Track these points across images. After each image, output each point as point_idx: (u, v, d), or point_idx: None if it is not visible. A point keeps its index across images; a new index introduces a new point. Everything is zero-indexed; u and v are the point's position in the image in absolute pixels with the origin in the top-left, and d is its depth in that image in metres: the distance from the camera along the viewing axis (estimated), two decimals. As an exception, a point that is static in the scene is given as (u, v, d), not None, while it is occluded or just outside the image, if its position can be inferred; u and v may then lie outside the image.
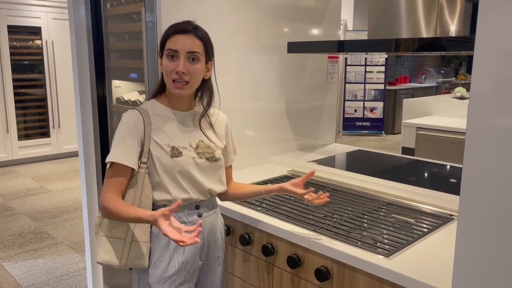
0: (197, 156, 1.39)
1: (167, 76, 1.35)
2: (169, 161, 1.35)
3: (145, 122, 1.35)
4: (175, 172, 1.35)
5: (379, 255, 1.29)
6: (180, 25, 1.35)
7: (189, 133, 1.42)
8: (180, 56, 1.33)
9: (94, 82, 2.38)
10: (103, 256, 1.35)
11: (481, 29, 0.92)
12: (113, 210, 1.27)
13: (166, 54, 1.34)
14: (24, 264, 3.26)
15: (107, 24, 2.32)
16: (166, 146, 1.35)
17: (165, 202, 1.37)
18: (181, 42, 1.32)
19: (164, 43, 1.35)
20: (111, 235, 1.36)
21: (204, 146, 1.43)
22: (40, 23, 6.19)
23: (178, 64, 1.32)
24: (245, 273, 1.68)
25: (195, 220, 1.41)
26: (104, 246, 1.36)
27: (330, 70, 2.63)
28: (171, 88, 1.36)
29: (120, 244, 1.36)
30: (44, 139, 6.41)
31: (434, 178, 2.07)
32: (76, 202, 4.63)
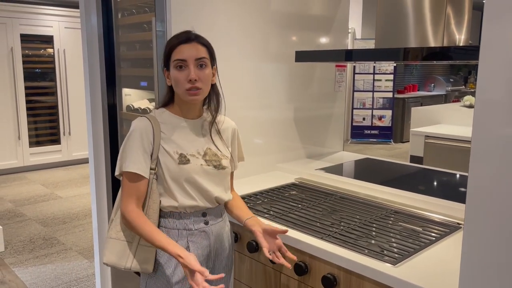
0: (205, 163, 1.41)
1: (179, 87, 1.36)
2: (176, 168, 1.36)
3: (154, 130, 1.37)
4: (182, 179, 1.37)
5: (386, 263, 1.29)
6: (182, 35, 1.37)
7: (198, 140, 1.44)
8: (189, 64, 1.35)
9: (105, 90, 2.42)
10: (109, 257, 1.38)
11: (486, 38, 0.93)
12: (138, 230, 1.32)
13: (174, 66, 1.35)
14: (34, 270, 3.29)
15: (118, 33, 2.36)
16: (174, 153, 1.37)
17: (171, 208, 1.39)
18: (187, 51, 1.34)
19: (169, 56, 1.37)
20: (118, 237, 1.39)
21: (212, 154, 1.44)
22: (52, 32, 6.29)
23: (189, 73, 1.34)
24: (253, 280, 1.69)
25: (202, 228, 1.42)
26: (111, 247, 1.39)
27: (338, 79, 2.65)
28: (185, 97, 1.37)
29: (127, 247, 1.38)
30: (54, 146, 6.49)
31: (442, 187, 2.07)
32: (85, 209, 4.67)
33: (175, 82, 1.37)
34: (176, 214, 1.39)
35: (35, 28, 6.15)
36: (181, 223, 1.40)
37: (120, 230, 1.39)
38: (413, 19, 1.98)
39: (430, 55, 1.63)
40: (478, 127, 0.96)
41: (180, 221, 1.39)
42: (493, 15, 0.91)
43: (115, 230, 1.40)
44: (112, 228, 1.41)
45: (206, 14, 1.95)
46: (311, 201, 1.87)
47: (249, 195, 1.93)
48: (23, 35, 6.05)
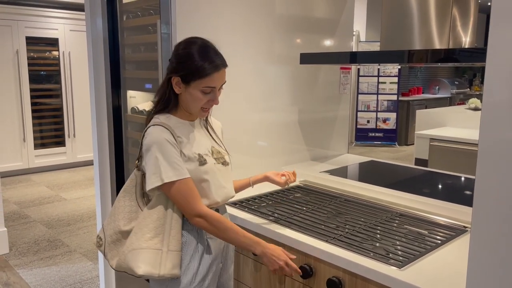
0: (215, 161, 1.45)
1: (196, 105, 1.38)
2: (197, 169, 1.38)
3: (174, 137, 1.37)
4: (204, 180, 1.40)
5: (392, 266, 1.28)
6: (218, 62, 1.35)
7: (203, 140, 1.47)
8: (216, 90, 1.38)
9: (110, 92, 2.42)
10: (145, 268, 1.34)
11: (493, 41, 0.92)
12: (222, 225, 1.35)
13: (201, 90, 1.35)
14: (39, 272, 3.30)
15: (123, 36, 2.37)
16: (193, 156, 1.39)
17: None
18: (219, 79, 1.37)
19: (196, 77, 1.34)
20: (149, 246, 1.35)
21: (216, 151, 1.49)
22: (58, 35, 6.32)
23: (213, 97, 1.38)
24: (257, 283, 1.68)
25: None
26: (144, 257, 1.34)
27: (342, 81, 2.64)
28: (198, 113, 1.42)
29: (158, 254, 1.35)
30: (59, 148, 6.52)
31: (447, 190, 2.05)
32: (90, 211, 4.68)
33: (194, 100, 1.37)
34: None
35: (41, 30, 6.19)
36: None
37: (149, 239, 1.36)
38: (418, 22, 1.97)
39: (435, 57, 1.63)
40: (485, 130, 0.95)
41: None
42: (500, 18, 0.91)
43: (143, 240, 1.36)
44: (139, 239, 1.36)
45: (211, 17, 1.95)
46: (316, 203, 1.87)
47: (253, 198, 1.93)
48: (28, 38, 6.08)
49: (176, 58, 1.37)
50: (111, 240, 1.44)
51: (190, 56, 1.34)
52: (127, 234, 1.41)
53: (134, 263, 1.34)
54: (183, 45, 1.38)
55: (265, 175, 1.70)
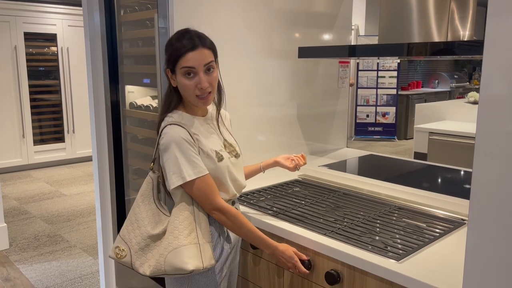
0: (229, 155, 1.47)
1: (188, 93, 1.37)
2: (218, 166, 1.41)
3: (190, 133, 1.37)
4: (224, 175, 1.42)
5: (390, 259, 1.28)
6: (187, 42, 1.34)
7: (216, 135, 1.48)
8: (198, 72, 1.35)
9: (108, 88, 2.42)
10: (193, 262, 1.33)
11: (490, 34, 0.92)
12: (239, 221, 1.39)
13: (182, 73, 1.35)
14: (39, 267, 3.31)
15: (121, 30, 2.36)
16: (211, 153, 1.40)
17: None
18: (195, 58, 1.34)
19: (175, 61, 1.35)
20: (190, 242, 1.35)
21: (228, 144, 1.51)
22: (56, 30, 6.31)
23: (199, 80, 1.35)
24: (256, 277, 1.69)
25: None
26: (189, 254, 1.34)
27: (341, 75, 2.64)
28: (195, 102, 1.40)
29: (198, 248, 1.36)
30: (58, 144, 6.52)
31: (446, 183, 2.06)
32: (89, 206, 4.69)
33: (183, 88, 1.37)
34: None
35: (39, 26, 6.16)
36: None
37: (188, 235, 1.36)
38: (416, 15, 1.97)
39: (435, 50, 1.62)
40: (482, 123, 0.95)
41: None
42: (498, 10, 0.91)
43: (182, 237, 1.35)
44: (178, 237, 1.35)
45: (209, 10, 1.95)
46: (315, 197, 1.87)
47: (252, 192, 1.93)
48: (26, 34, 6.06)
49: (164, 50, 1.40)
50: (139, 248, 1.41)
51: (169, 43, 1.37)
52: (157, 237, 1.40)
53: (180, 261, 1.33)
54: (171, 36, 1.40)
55: (275, 160, 1.73)
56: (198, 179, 1.35)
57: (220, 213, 1.38)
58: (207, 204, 1.38)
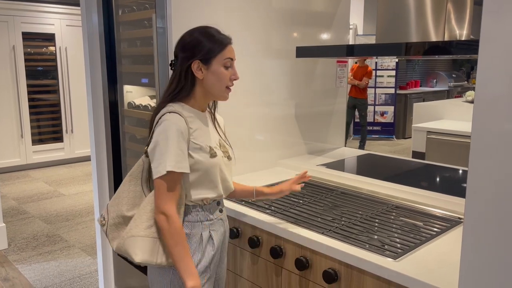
0: (223, 155, 1.47)
1: (222, 83, 1.41)
2: (209, 161, 1.40)
3: (188, 125, 1.38)
4: (214, 172, 1.41)
5: (387, 257, 1.29)
6: (225, 36, 1.43)
7: (213, 132, 1.49)
8: (233, 64, 1.43)
9: (106, 87, 2.42)
10: (143, 256, 1.35)
11: (486, 32, 0.93)
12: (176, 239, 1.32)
13: (224, 64, 1.40)
14: (37, 267, 3.31)
15: (119, 30, 2.36)
16: (205, 148, 1.40)
17: (198, 201, 1.42)
18: (233, 51, 1.43)
19: (218, 52, 1.39)
20: (147, 235, 1.37)
21: (223, 145, 1.51)
22: (54, 30, 6.30)
23: (233, 71, 1.43)
24: (254, 276, 1.70)
25: (219, 216, 1.49)
26: (142, 246, 1.36)
27: (339, 74, 2.64)
28: (222, 93, 1.44)
29: (156, 243, 1.37)
30: (57, 144, 6.51)
31: (443, 182, 2.07)
32: (88, 206, 4.69)
33: (218, 78, 1.40)
34: (198, 207, 1.43)
35: (37, 26, 6.16)
36: (203, 214, 1.44)
37: (148, 228, 1.37)
38: (414, 14, 1.97)
39: (432, 49, 1.63)
40: (478, 122, 0.96)
41: (202, 213, 1.43)
42: (493, 9, 0.91)
43: (141, 228, 1.37)
44: (138, 226, 1.37)
45: (207, 10, 1.95)
46: (312, 196, 1.88)
47: (250, 191, 1.93)
48: (24, 33, 6.06)
49: (186, 47, 1.39)
50: (113, 223, 1.45)
51: (199, 40, 1.39)
52: (129, 219, 1.43)
53: (132, 250, 1.36)
54: (187, 35, 1.42)
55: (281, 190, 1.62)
56: (173, 172, 1.32)
57: (165, 219, 1.32)
58: (160, 201, 1.32)
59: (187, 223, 1.42)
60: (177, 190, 1.35)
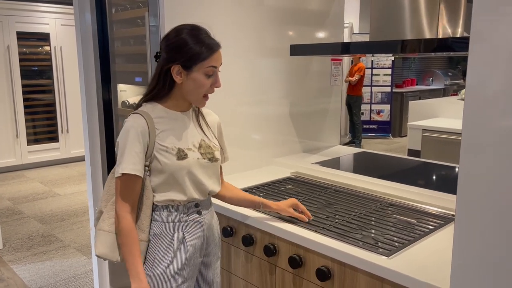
0: (201, 156, 1.42)
1: (199, 91, 1.38)
2: (176, 164, 1.36)
3: (149, 127, 1.36)
4: (180, 175, 1.37)
5: (380, 255, 1.29)
6: (214, 42, 1.36)
7: (192, 132, 1.44)
8: (216, 72, 1.39)
9: (100, 86, 2.41)
10: (102, 249, 1.39)
11: (476, 30, 0.93)
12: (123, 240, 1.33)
13: (206, 72, 1.35)
14: (32, 267, 3.29)
15: (112, 29, 2.35)
16: (172, 149, 1.37)
17: (168, 202, 1.39)
18: (218, 58, 1.37)
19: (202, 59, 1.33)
20: (111, 231, 1.40)
21: (206, 145, 1.45)
22: (49, 30, 6.28)
23: (216, 80, 1.39)
24: (248, 274, 1.69)
25: (196, 218, 1.44)
26: (104, 240, 1.40)
27: (333, 73, 2.64)
28: (199, 102, 1.41)
29: (115, 239, 1.39)
30: (52, 144, 6.49)
31: (438, 179, 2.07)
32: (83, 206, 4.68)
33: (196, 86, 1.36)
34: (170, 207, 1.40)
35: (32, 25, 6.13)
36: (176, 215, 1.41)
37: (112, 224, 1.40)
38: (408, 12, 1.97)
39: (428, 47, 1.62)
40: (468, 120, 0.96)
41: (175, 214, 1.40)
42: (483, 7, 0.91)
43: (108, 223, 1.40)
44: (104, 220, 1.41)
45: (200, 8, 1.94)
46: (307, 194, 1.87)
47: (245, 189, 1.93)
48: (19, 33, 6.03)
49: (169, 47, 1.35)
50: (96, 217, 1.47)
51: (185, 42, 1.33)
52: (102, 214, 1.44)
53: (95, 242, 1.40)
54: (174, 34, 1.36)
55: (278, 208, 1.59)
56: (127, 174, 1.32)
57: (117, 218, 1.35)
58: (116, 200, 1.35)
59: (157, 223, 1.40)
60: (133, 191, 1.34)
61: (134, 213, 1.37)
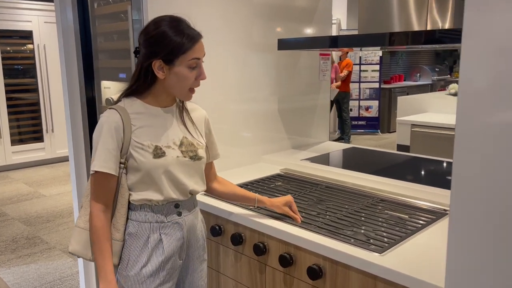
0: (181, 155, 1.36)
1: (184, 85, 1.32)
2: (152, 162, 1.30)
3: (125, 123, 1.29)
4: (157, 173, 1.31)
5: (372, 251, 1.26)
6: (194, 32, 1.30)
7: (173, 129, 1.38)
8: (201, 63, 1.33)
9: (83, 84, 2.34)
10: (75, 246, 1.35)
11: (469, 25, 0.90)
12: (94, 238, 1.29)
13: (189, 64, 1.29)
14: (17, 270, 3.21)
15: (94, 24, 2.29)
16: (148, 147, 1.31)
17: (144, 201, 1.34)
18: (200, 49, 1.31)
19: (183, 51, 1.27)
20: (86, 228, 1.35)
21: (188, 143, 1.39)
22: (32, 27, 6.14)
23: (200, 72, 1.32)
24: (237, 274, 1.65)
25: (175, 219, 1.37)
26: (78, 237, 1.36)
27: (322, 68, 2.61)
28: (185, 96, 1.35)
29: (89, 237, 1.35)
30: (37, 144, 6.37)
31: (429, 174, 2.05)
32: (69, 207, 4.59)
33: (180, 80, 1.30)
34: (147, 207, 1.34)
35: (14, 23, 6.00)
36: (153, 216, 1.35)
37: (87, 221, 1.35)
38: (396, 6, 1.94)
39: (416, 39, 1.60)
40: (462, 115, 0.93)
41: (152, 214, 1.35)
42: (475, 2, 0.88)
43: (83, 220, 1.35)
44: (81, 217, 1.36)
45: (184, 2, 1.89)
46: (297, 191, 1.84)
47: (233, 187, 1.89)
48: (1, 31, 5.90)
49: (149, 42, 1.29)
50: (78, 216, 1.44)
51: (165, 35, 1.27)
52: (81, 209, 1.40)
53: (71, 239, 1.36)
54: (153, 26, 1.29)
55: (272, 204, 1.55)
56: (99, 172, 1.28)
57: (90, 217, 1.31)
58: (90, 197, 1.32)
59: (133, 222, 1.35)
60: (106, 189, 1.30)
61: (109, 212, 1.32)
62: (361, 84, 8.10)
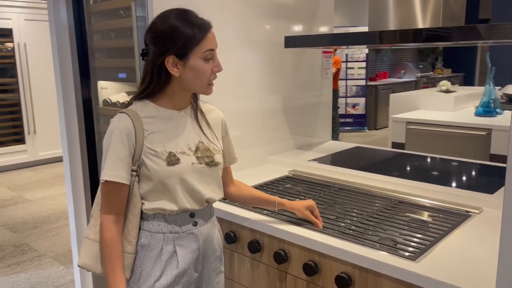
0: (196, 161, 1.27)
1: (202, 79, 1.23)
2: (166, 170, 1.22)
3: (136, 129, 1.21)
4: (172, 182, 1.23)
5: (405, 258, 1.21)
6: (203, 22, 1.22)
7: (188, 133, 1.29)
8: (215, 55, 1.25)
9: (79, 84, 2.23)
10: (85, 259, 1.26)
11: None
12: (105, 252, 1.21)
13: (203, 57, 1.21)
14: (6, 280, 3.06)
15: (90, 22, 2.18)
16: (162, 154, 1.22)
17: (157, 211, 1.25)
18: (213, 39, 1.23)
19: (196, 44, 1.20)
20: (96, 239, 1.27)
21: (204, 148, 1.30)
22: (11, 25, 5.91)
23: (216, 63, 1.25)
24: (254, 282, 1.58)
25: (190, 230, 1.29)
26: (88, 249, 1.27)
27: (325, 66, 2.55)
28: (205, 90, 1.27)
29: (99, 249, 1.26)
30: (19, 146, 6.14)
31: (442, 174, 2.01)
32: (57, 211, 4.43)
33: (197, 74, 1.22)
34: (161, 217, 1.26)
35: (-8, 21, 5.77)
36: (167, 226, 1.26)
37: (97, 232, 1.26)
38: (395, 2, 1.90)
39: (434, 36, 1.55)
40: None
41: (166, 224, 1.26)
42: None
43: (93, 231, 1.27)
44: (90, 228, 1.28)
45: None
46: (309, 194, 1.78)
47: (243, 191, 1.81)
48: (-21, 29, 5.66)
49: (159, 38, 1.20)
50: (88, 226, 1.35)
51: (175, 28, 1.19)
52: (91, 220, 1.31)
53: (79, 251, 1.28)
54: (160, 21, 1.21)
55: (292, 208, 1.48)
56: (109, 181, 1.20)
57: (100, 229, 1.23)
58: (101, 208, 1.24)
59: (145, 233, 1.26)
60: (117, 199, 1.22)
61: (121, 223, 1.23)
62: (348, 81, 8.11)
